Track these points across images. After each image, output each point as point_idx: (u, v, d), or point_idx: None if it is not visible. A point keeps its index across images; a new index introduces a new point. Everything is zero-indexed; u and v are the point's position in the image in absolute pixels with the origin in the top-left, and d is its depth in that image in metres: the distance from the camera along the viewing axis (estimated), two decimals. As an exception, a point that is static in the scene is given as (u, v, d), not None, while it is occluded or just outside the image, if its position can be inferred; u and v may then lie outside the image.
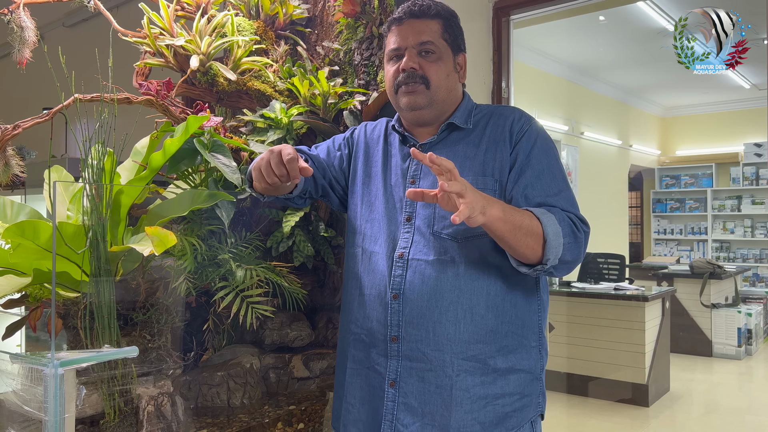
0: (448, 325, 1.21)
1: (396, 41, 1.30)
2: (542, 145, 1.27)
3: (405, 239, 1.27)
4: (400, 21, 1.30)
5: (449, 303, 1.21)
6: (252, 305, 1.51)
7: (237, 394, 1.53)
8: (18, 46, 1.48)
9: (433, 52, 1.28)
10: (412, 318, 1.23)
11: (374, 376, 1.28)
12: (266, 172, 1.18)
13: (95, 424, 1.27)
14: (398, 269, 1.25)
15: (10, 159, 1.46)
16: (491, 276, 1.23)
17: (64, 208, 1.46)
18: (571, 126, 6.44)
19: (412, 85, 1.27)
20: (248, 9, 2.03)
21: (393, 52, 1.31)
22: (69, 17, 4.61)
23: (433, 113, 1.31)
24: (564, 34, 5.37)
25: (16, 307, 1.43)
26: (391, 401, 1.25)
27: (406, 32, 1.29)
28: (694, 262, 5.98)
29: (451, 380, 1.21)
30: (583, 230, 1.20)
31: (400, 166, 1.34)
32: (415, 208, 1.28)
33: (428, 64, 1.28)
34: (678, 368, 5.20)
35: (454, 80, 1.32)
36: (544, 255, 1.14)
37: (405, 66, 1.27)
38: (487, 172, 1.26)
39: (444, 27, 1.30)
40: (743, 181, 7.88)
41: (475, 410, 1.20)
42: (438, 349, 1.21)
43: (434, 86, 1.28)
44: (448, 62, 1.30)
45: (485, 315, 1.22)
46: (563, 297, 4.77)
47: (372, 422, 1.28)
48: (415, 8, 1.29)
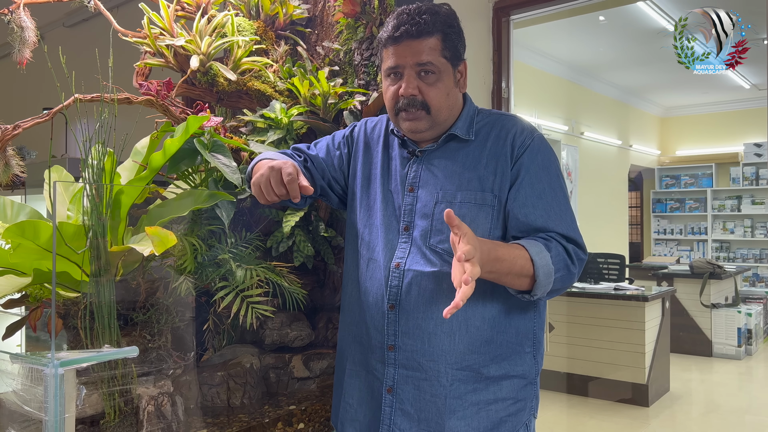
0: (444, 337, 1.21)
1: (393, 60, 1.24)
2: (544, 161, 1.25)
3: (402, 249, 1.27)
4: (396, 41, 1.23)
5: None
6: (252, 305, 1.51)
7: (237, 394, 1.53)
8: (18, 46, 1.48)
9: (432, 72, 1.23)
10: (408, 329, 1.23)
11: (372, 379, 1.29)
12: (266, 191, 1.19)
13: (95, 424, 1.27)
14: (394, 279, 1.25)
15: (10, 159, 1.46)
16: (487, 289, 1.21)
17: (64, 208, 1.46)
18: (570, 126, 6.44)
19: (412, 112, 1.24)
20: (248, 9, 2.03)
21: (390, 69, 1.26)
22: (69, 17, 4.61)
23: (435, 133, 1.29)
24: (564, 34, 5.37)
25: (16, 307, 1.42)
26: (388, 406, 1.26)
27: (404, 52, 1.22)
28: (694, 262, 5.98)
29: (446, 389, 1.21)
30: (577, 261, 1.20)
31: (399, 172, 1.33)
32: (413, 218, 1.27)
33: (428, 88, 1.23)
34: (678, 368, 5.20)
35: (454, 96, 1.28)
36: (532, 291, 1.16)
37: (404, 93, 1.23)
38: (486, 187, 1.24)
39: (444, 43, 1.24)
40: (743, 181, 7.88)
41: (468, 416, 1.21)
42: (433, 359, 1.22)
43: (435, 110, 1.25)
44: (448, 80, 1.26)
45: (480, 327, 1.22)
46: (563, 297, 4.77)
47: (369, 423, 1.29)
48: (412, 29, 1.21)
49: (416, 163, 1.31)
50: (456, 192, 1.25)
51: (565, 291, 1.24)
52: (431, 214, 1.25)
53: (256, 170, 1.30)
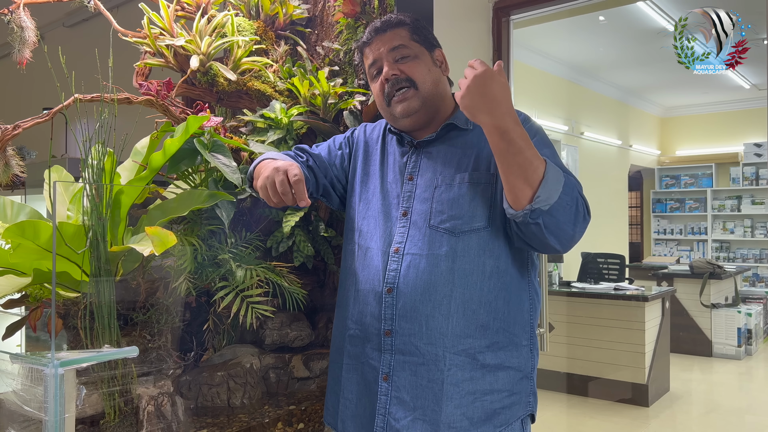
0: (441, 319, 1.22)
1: (371, 57, 1.36)
2: (541, 140, 1.27)
3: (400, 234, 1.29)
4: (368, 42, 1.36)
5: (442, 297, 1.22)
6: (252, 305, 1.51)
7: (237, 394, 1.53)
8: (18, 46, 1.48)
9: (407, 55, 1.32)
10: (406, 312, 1.24)
11: (369, 371, 1.30)
12: (273, 193, 1.20)
13: (95, 424, 1.27)
14: (393, 263, 1.27)
15: (10, 159, 1.46)
16: (485, 272, 1.23)
17: (64, 208, 1.46)
18: (571, 126, 6.44)
19: (402, 92, 1.31)
20: (248, 9, 2.03)
21: (372, 68, 1.36)
22: (69, 17, 4.61)
23: (428, 113, 1.32)
24: (564, 34, 5.37)
25: (16, 307, 1.42)
26: (384, 395, 1.26)
27: (376, 46, 1.34)
28: (694, 262, 5.98)
29: (443, 374, 1.21)
30: (583, 207, 1.17)
31: (398, 163, 1.36)
32: (412, 204, 1.30)
33: (407, 66, 1.32)
34: (678, 368, 5.20)
35: (437, 73, 1.35)
36: (536, 193, 1.10)
37: (387, 75, 1.31)
38: (481, 167, 1.27)
39: (411, 31, 1.34)
40: (743, 181, 7.88)
41: (463, 405, 1.21)
42: (430, 343, 1.22)
43: (420, 83, 1.31)
44: (426, 59, 1.34)
45: (477, 310, 1.23)
46: (563, 297, 4.77)
47: (370, 417, 1.30)
48: (378, 25, 1.35)
49: (415, 154, 1.35)
50: (455, 174, 1.28)
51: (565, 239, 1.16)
52: (431, 198, 1.28)
53: (259, 170, 1.30)
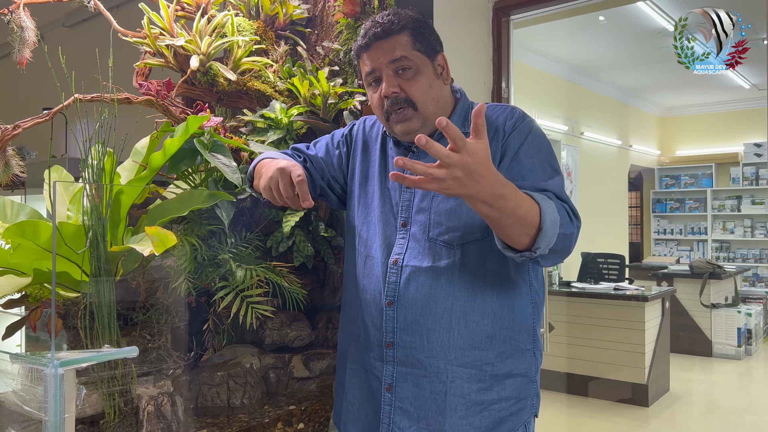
0: (442, 332, 1.21)
1: (369, 66, 1.26)
2: (533, 140, 1.23)
3: (400, 245, 1.27)
4: (367, 47, 1.26)
5: (443, 310, 1.21)
6: (252, 305, 1.51)
7: (237, 394, 1.53)
8: (18, 46, 1.48)
9: (409, 67, 1.23)
10: (407, 325, 1.23)
11: (372, 378, 1.29)
12: (277, 193, 1.18)
13: (95, 424, 1.27)
14: (392, 275, 1.25)
15: (10, 159, 1.46)
16: (487, 282, 1.22)
17: (64, 208, 1.46)
18: (571, 126, 6.44)
19: (401, 112, 1.24)
20: (248, 9, 2.03)
21: (369, 76, 1.27)
22: (69, 17, 4.61)
23: (428, 130, 1.27)
24: (564, 34, 5.37)
25: (16, 307, 1.42)
26: (388, 405, 1.26)
27: (376, 54, 1.24)
28: (693, 262, 5.98)
29: (446, 386, 1.21)
30: (575, 223, 1.15)
31: (397, 168, 1.33)
32: (411, 213, 1.27)
33: (408, 83, 1.23)
34: (678, 368, 5.20)
35: (438, 88, 1.27)
36: (535, 243, 1.07)
37: (386, 93, 1.23)
38: None
39: (414, 37, 1.24)
40: (743, 181, 7.88)
41: (470, 415, 1.20)
42: (432, 356, 1.21)
43: (421, 105, 1.24)
44: (428, 72, 1.25)
45: (480, 321, 1.21)
46: (563, 297, 4.77)
47: (371, 422, 1.29)
48: (378, 29, 1.24)
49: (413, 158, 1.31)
50: None
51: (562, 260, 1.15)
52: (428, 208, 1.25)
53: (260, 170, 1.30)
